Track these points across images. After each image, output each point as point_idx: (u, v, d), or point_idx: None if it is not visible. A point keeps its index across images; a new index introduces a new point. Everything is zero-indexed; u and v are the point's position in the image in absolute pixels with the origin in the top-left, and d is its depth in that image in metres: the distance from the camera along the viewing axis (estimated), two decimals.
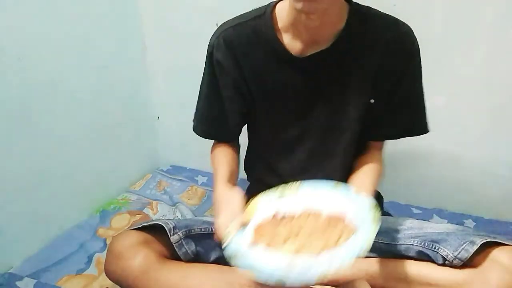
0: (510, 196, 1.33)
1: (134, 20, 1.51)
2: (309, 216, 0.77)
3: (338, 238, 0.70)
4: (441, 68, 1.21)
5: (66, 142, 1.28)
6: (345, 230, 0.71)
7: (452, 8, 1.20)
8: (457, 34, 1.22)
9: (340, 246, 0.68)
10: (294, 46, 0.88)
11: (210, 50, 0.95)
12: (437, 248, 0.90)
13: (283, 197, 0.82)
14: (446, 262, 0.89)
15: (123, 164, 1.56)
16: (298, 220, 0.77)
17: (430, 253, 0.91)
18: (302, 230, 0.74)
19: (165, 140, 1.72)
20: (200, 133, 1.03)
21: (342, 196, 0.79)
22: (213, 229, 0.88)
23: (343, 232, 0.71)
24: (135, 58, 1.55)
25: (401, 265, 0.90)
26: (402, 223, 0.96)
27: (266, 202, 0.81)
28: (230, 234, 0.72)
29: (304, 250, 0.68)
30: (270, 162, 1.02)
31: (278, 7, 0.89)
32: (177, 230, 0.92)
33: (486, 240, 0.85)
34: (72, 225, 1.32)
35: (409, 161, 1.39)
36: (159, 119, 1.69)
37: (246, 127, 1.05)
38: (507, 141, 1.28)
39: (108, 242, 1.25)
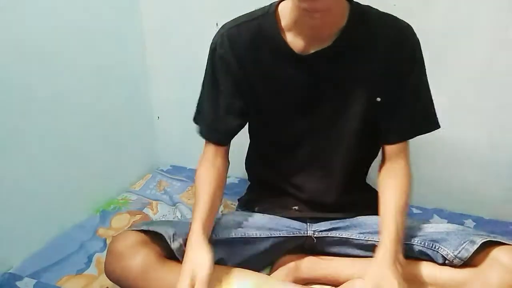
0: (510, 196, 1.33)
1: (134, 20, 1.51)
2: None
3: None
4: (441, 68, 1.21)
5: (66, 142, 1.28)
6: None
7: (452, 8, 1.20)
8: (457, 34, 1.22)
9: None
10: (297, 44, 0.89)
11: (213, 47, 0.96)
12: (437, 247, 0.90)
13: None
14: (446, 262, 0.89)
15: (123, 164, 1.56)
16: None
17: (430, 252, 0.91)
18: None
19: (165, 140, 1.72)
20: (207, 136, 1.01)
21: None
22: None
23: None
24: (135, 58, 1.55)
25: None
26: None
27: None
28: None
29: None
30: (271, 161, 1.02)
31: (281, 6, 0.91)
32: (177, 237, 0.91)
33: (486, 239, 0.85)
34: (72, 225, 1.32)
35: None
36: (159, 119, 1.69)
37: (246, 127, 1.04)
38: (507, 141, 1.28)
39: (108, 242, 1.24)
